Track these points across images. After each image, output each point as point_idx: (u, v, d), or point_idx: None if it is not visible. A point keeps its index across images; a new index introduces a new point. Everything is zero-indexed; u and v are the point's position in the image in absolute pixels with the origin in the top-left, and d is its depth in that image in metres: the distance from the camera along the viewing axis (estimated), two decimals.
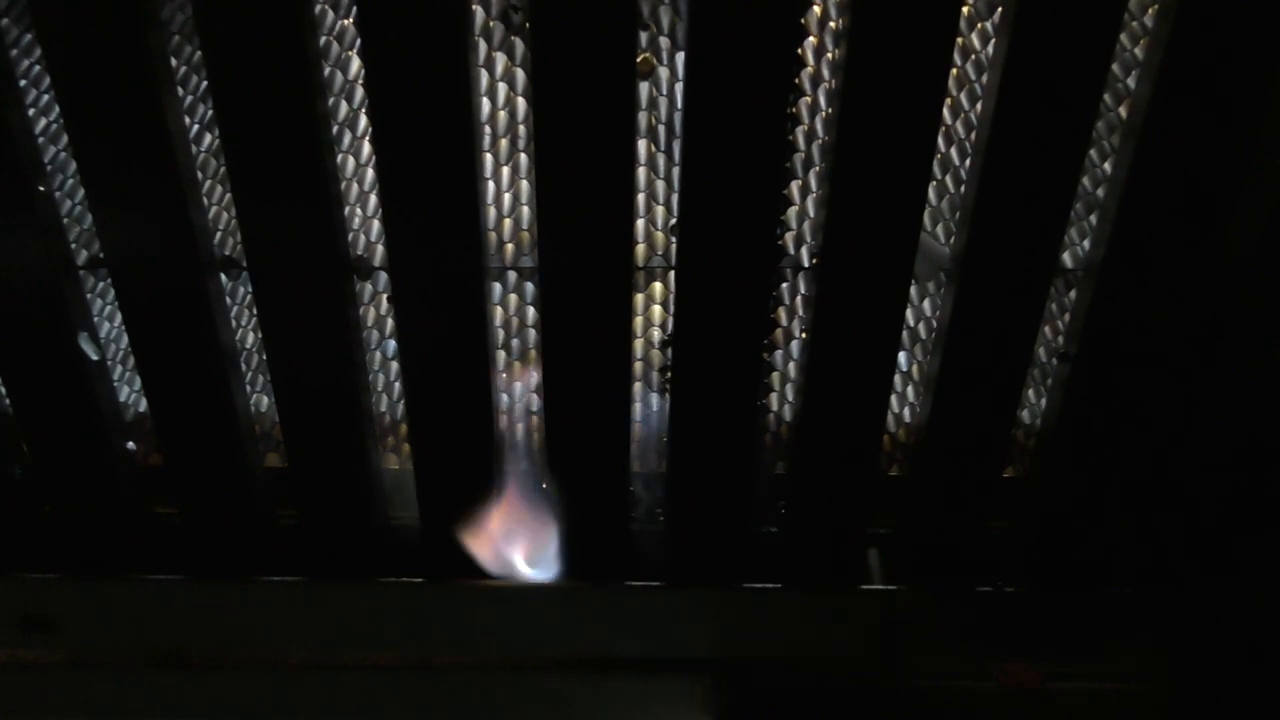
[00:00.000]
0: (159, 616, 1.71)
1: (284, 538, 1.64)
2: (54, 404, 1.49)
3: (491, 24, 1.31)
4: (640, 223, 1.41)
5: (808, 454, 1.53)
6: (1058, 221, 1.31)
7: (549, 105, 1.22)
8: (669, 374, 1.48)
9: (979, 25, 1.30)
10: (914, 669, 1.70)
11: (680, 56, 1.32)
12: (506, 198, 1.41)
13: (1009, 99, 1.22)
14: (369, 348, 1.52)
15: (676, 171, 1.34)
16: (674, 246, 1.37)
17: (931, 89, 1.21)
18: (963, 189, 1.38)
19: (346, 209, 1.40)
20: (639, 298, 1.47)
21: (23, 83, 1.31)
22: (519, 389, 1.56)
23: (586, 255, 1.33)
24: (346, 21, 1.31)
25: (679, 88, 1.33)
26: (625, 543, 1.63)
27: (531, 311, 1.50)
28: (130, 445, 1.58)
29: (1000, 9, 1.26)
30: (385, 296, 1.50)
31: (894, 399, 1.56)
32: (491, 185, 1.39)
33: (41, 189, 1.33)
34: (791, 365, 1.53)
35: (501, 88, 1.34)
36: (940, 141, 1.34)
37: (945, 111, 1.31)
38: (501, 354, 1.52)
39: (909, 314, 1.47)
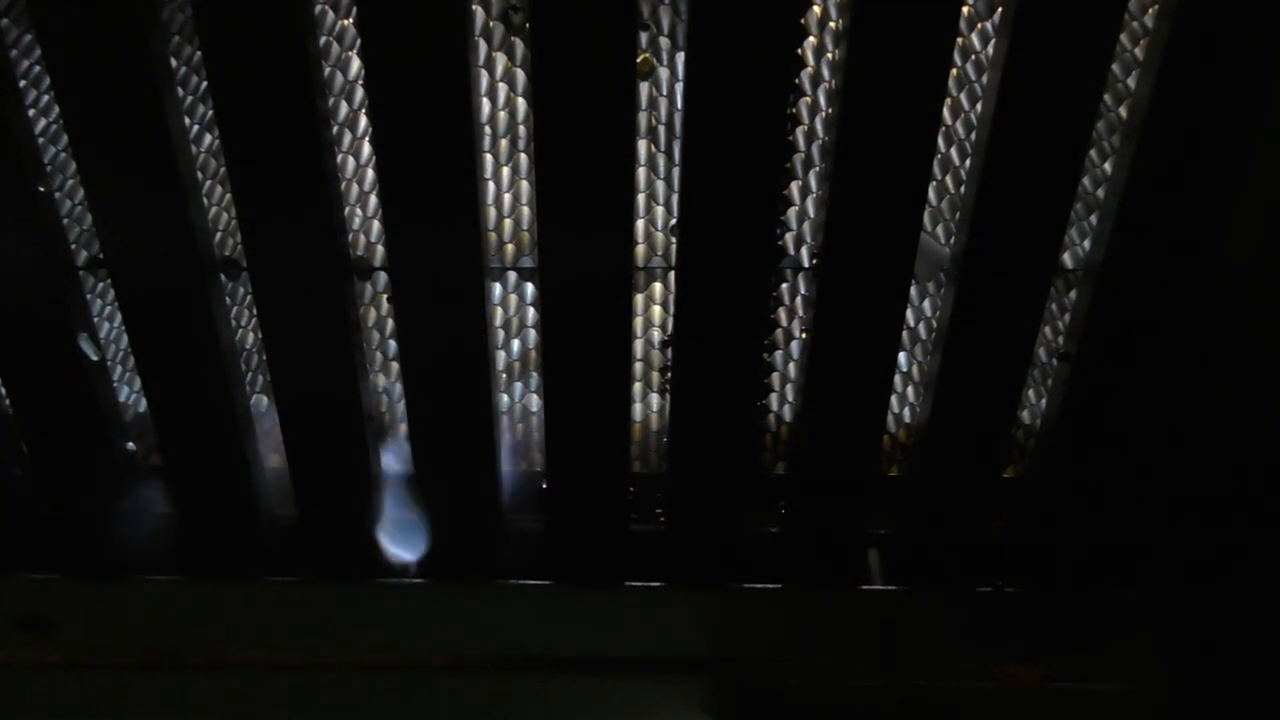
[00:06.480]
0: (159, 616, 1.71)
1: (284, 537, 1.64)
2: (54, 404, 1.49)
3: (491, 24, 1.31)
4: (640, 223, 1.41)
5: (808, 454, 1.53)
6: (1058, 221, 1.32)
7: (549, 105, 1.22)
8: (669, 374, 1.48)
9: (979, 25, 1.30)
10: (914, 669, 1.70)
11: (680, 56, 1.32)
12: (506, 198, 1.41)
13: (1009, 99, 1.22)
14: (369, 348, 1.51)
15: (676, 171, 1.34)
16: (674, 246, 1.37)
17: (931, 89, 1.21)
18: (963, 189, 1.38)
19: (346, 209, 1.40)
20: (639, 298, 1.47)
21: (23, 83, 1.31)
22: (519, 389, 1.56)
23: (586, 255, 1.33)
24: (346, 21, 1.31)
25: (679, 88, 1.33)
26: (625, 543, 1.63)
27: (531, 312, 1.50)
28: (130, 445, 1.58)
29: (1000, 9, 1.26)
30: (385, 297, 1.50)
31: (894, 399, 1.56)
32: (491, 185, 1.39)
33: (41, 189, 1.33)
34: (791, 365, 1.53)
35: (501, 88, 1.34)
36: (940, 141, 1.34)
37: (945, 111, 1.31)
38: (501, 354, 1.52)
39: (909, 314, 1.47)
